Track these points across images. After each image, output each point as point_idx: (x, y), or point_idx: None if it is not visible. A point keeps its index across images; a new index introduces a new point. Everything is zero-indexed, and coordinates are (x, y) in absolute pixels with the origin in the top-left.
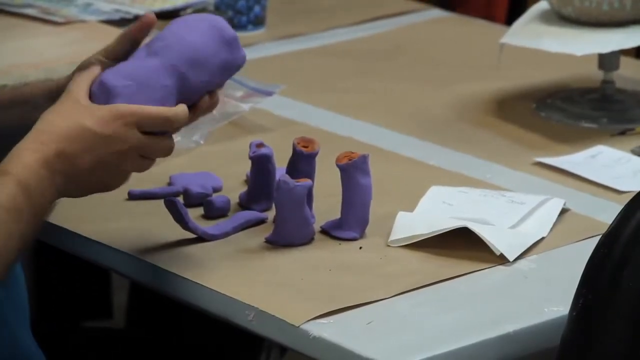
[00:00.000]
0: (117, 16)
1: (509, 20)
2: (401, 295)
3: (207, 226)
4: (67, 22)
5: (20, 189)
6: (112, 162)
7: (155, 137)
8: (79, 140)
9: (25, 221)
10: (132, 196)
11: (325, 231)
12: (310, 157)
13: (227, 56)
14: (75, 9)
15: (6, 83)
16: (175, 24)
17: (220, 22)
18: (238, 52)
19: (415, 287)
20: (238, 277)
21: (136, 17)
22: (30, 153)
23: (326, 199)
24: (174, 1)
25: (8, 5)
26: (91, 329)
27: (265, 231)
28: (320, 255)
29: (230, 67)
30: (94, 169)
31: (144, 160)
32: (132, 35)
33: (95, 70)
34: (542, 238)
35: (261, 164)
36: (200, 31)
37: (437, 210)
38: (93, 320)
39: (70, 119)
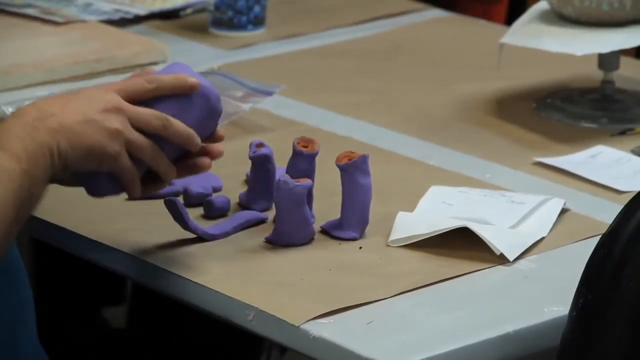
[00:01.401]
0: (117, 16)
1: (509, 20)
2: (401, 295)
3: (207, 226)
4: (67, 22)
5: None
6: (92, 97)
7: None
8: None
9: (13, 177)
10: None
11: (325, 231)
12: (310, 157)
13: (205, 122)
14: (75, 8)
15: (6, 83)
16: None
17: (215, 96)
18: (215, 124)
19: (415, 287)
20: (238, 277)
21: (136, 17)
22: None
23: (326, 199)
24: (174, 1)
25: (8, 5)
26: (91, 329)
27: (265, 231)
28: (320, 255)
29: (201, 132)
30: (70, 100)
31: (126, 118)
32: None
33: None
34: (542, 238)
35: (261, 164)
36: (196, 105)
37: (437, 210)
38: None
39: None
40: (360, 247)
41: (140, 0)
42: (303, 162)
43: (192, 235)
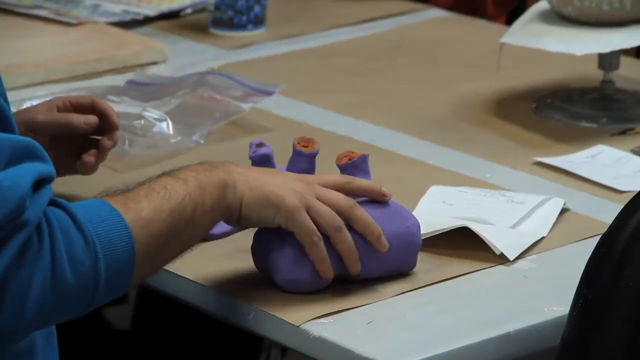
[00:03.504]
0: (127, 17)
1: (509, 20)
2: (401, 295)
3: None
4: (80, 24)
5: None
6: (282, 174)
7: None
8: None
9: (177, 197)
10: None
11: None
12: (310, 157)
13: (399, 243)
14: (84, 10)
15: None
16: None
17: (414, 223)
18: (412, 255)
19: (415, 287)
20: (238, 277)
21: (146, 18)
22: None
23: None
24: (181, 0)
25: (16, 5)
26: (94, 330)
27: None
28: None
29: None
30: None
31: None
32: (71, 125)
33: None
34: (542, 238)
35: (261, 163)
36: (393, 221)
37: (437, 210)
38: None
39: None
40: None
41: (147, 0)
42: (303, 161)
43: None
